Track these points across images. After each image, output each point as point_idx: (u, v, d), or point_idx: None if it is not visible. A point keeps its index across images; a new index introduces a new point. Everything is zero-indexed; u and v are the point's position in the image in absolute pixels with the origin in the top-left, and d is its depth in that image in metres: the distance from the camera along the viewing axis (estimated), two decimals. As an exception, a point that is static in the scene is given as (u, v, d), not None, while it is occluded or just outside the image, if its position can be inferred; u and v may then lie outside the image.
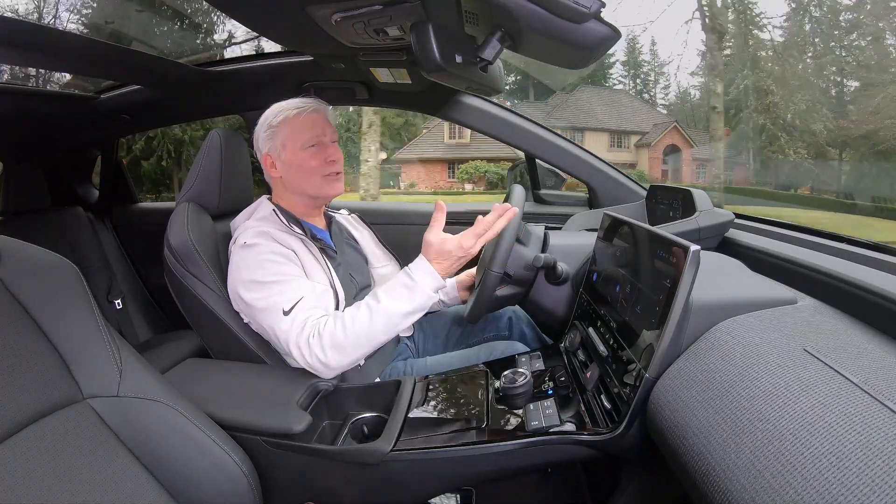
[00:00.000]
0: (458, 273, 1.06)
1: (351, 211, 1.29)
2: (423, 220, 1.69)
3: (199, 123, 8.76)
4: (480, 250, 0.91)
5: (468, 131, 15.79)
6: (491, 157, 15.36)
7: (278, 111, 1.02)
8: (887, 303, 0.60)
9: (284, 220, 0.99)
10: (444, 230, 0.89)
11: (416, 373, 1.03)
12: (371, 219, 1.32)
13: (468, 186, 15.06)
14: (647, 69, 20.13)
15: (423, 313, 0.90)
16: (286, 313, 0.86)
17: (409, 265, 0.89)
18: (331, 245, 1.07)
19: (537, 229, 1.09)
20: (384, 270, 1.20)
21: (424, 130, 16.18)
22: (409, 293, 0.86)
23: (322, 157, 1.01)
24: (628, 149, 16.04)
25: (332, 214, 1.18)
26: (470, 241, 0.87)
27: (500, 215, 0.88)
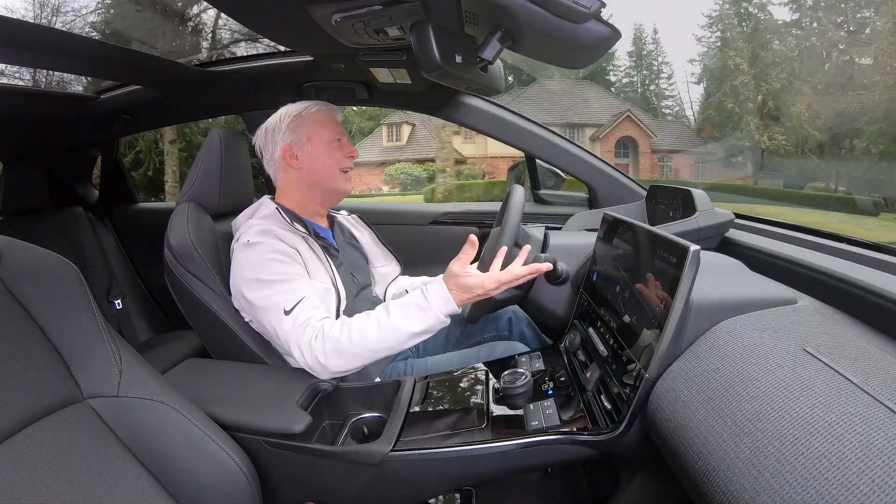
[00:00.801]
0: None
1: (351, 212, 1.30)
2: (422, 220, 1.69)
3: (181, 137, 9.23)
4: (486, 255, 0.90)
5: (406, 133, 15.72)
6: (419, 159, 15.36)
7: (300, 107, 1.04)
8: (887, 303, 0.60)
9: (287, 219, 0.99)
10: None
11: (417, 373, 1.03)
12: (371, 219, 1.33)
13: (385, 188, 15.32)
14: (650, 60, 20.07)
15: (431, 335, 0.89)
16: (287, 313, 0.86)
17: (427, 286, 0.88)
18: (333, 244, 1.08)
19: (536, 232, 1.09)
20: (384, 270, 1.21)
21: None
22: (421, 314, 0.86)
23: (344, 152, 1.05)
24: (582, 143, 15.70)
25: (334, 215, 1.18)
26: (492, 284, 0.86)
27: (531, 272, 0.88)
